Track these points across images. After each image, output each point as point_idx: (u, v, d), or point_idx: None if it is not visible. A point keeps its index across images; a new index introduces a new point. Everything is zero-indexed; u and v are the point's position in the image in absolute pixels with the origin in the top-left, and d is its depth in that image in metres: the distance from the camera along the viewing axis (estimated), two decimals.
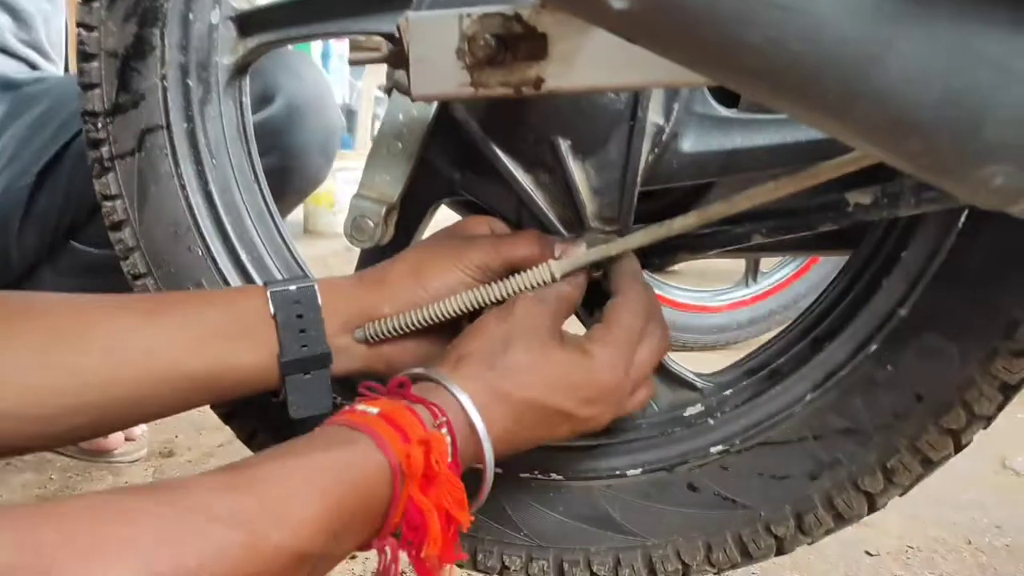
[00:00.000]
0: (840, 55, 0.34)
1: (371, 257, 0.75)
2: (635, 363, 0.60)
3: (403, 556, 0.50)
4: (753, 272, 2.22)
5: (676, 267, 3.20)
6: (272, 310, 0.60)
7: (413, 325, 0.60)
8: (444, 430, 0.51)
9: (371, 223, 0.64)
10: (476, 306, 0.59)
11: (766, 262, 2.24)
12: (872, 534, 1.01)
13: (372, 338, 0.61)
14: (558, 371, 0.56)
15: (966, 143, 0.38)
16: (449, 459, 0.51)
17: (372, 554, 0.52)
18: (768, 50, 0.35)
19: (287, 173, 1.01)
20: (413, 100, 0.59)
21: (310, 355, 0.60)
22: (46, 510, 0.37)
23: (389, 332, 0.60)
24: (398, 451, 0.48)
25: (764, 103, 0.54)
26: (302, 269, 0.78)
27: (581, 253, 0.60)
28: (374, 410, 0.50)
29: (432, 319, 0.60)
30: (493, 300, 0.59)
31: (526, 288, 0.59)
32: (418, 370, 0.56)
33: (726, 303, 2.17)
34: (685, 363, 0.73)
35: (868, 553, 0.97)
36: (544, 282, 0.59)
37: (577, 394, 0.57)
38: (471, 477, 0.54)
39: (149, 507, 0.39)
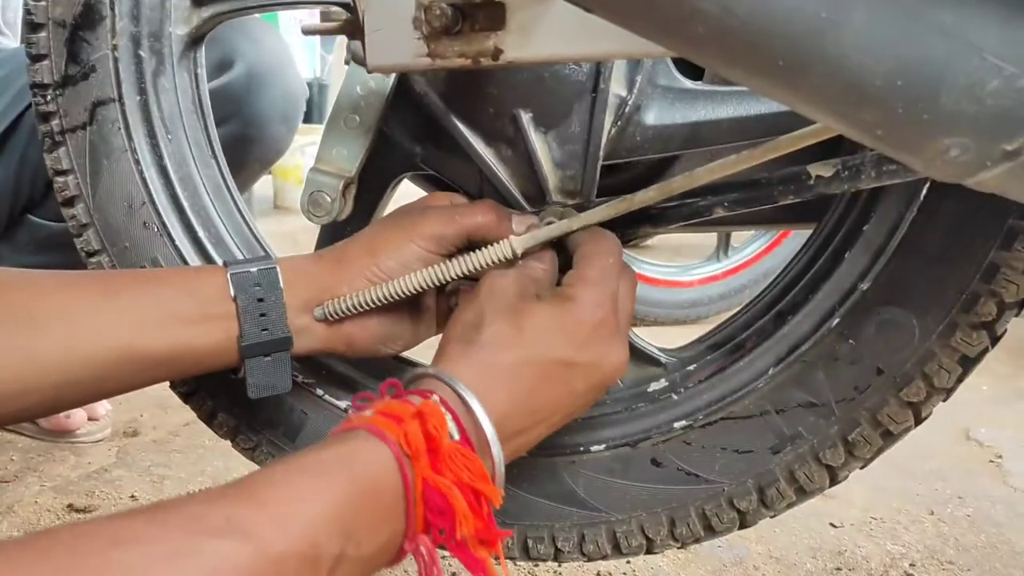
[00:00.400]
0: (792, 23, 0.34)
1: (331, 233, 0.73)
2: (619, 298, 0.58)
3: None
4: (724, 246, 2.22)
5: (650, 242, 3.20)
6: (232, 292, 0.59)
7: (371, 303, 0.59)
8: (442, 408, 0.49)
9: (328, 198, 0.63)
10: (434, 283, 0.58)
11: (737, 236, 2.24)
12: (836, 506, 1.02)
13: (331, 316, 0.60)
14: (540, 323, 0.54)
15: (921, 114, 0.37)
16: (456, 435, 0.48)
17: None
18: (721, 17, 0.35)
19: (247, 142, 0.99)
20: (369, 72, 0.57)
21: (270, 339, 0.59)
22: (22, 546, 0.35)
23: (348, 310, 0.59)
24: (395, 433, 0.46)
25: (719, 72, 0.53)
26: (261, 245, 0.77)
27: (542, 228, 0.60)
28: (369, 412, 0.48)
29: (390, 296, 0.59)
30: (452, 276, 0.58)
31: (486, 263, 0.58)
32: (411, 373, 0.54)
33: (698, 278, 2.17)
34: (650, 338, 0.73)
35: (832, 525, 0.98)
36: (505, 257, 0.58)
37: (569, 339, 0.54)
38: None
39: (139, 530, 0.36)
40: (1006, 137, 0.36)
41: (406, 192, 0.72)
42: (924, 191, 0.60)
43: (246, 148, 1.00)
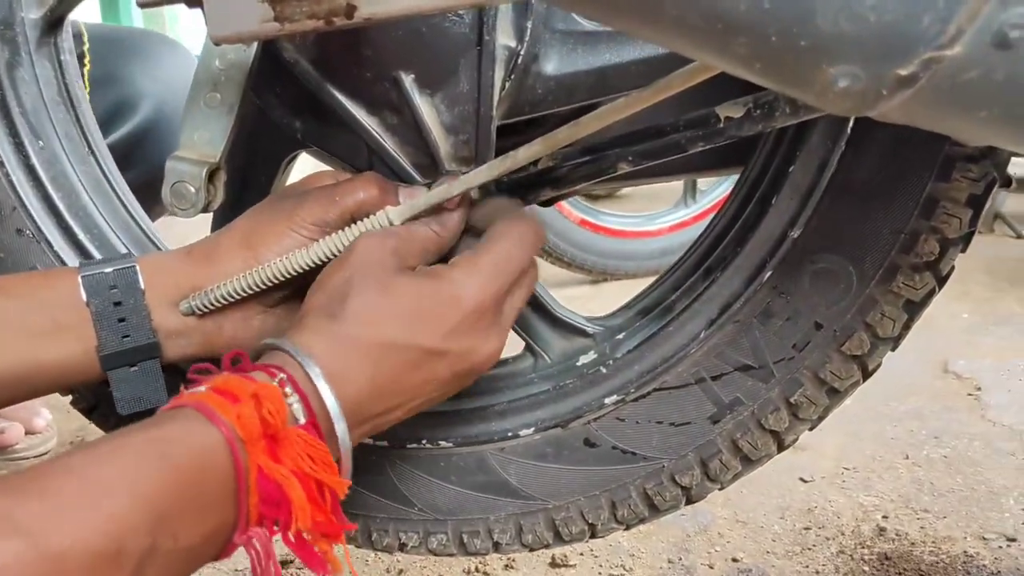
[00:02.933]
0: None
1: (225, 221, 0.67)
2: (513, 292, 0.52)
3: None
4: (692, 191, 2.16)
5: (624, 191, 3.11)
6: (85, 297, 0.53)
7: (241, 292, 0.53)
8: (288, 388, 0.44)
9: (191, 188, 0.57)
10: (309, 265, 0.52)
11: (704, 180, 2.18)
12: (807, 459, 0.98)
13: (199, 310, 0.54)
14: (411, 303, 0.49)
15: (797, 41, 0.32)
16: (302, 418, 0.44)
17: None
18: None
19: (156, 187, 0.92)
20: (215, 44, 0.51)
21: (133, 347, 0.53)
22: None
23: (216, 302, 0.53)
24: (227, 414, 0.41)
25: (572, 11, 0.46)
26: (153, 241, 0.71)
27: (421, 196, 0.53)
28: (202, 388, 0.43)
29: (262, 283, 0.53)
30: (327, 255, 0.52)
31: None
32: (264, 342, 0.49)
33: (667, 225, 2.12)
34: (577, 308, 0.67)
35: (802, 480, 0.93)
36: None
37: (438, 325, 0.49)
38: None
39: None
40: (899, 60, 0.31)
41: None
42: (851, 123, 0.54)
43: (155, 194, 0.93)
